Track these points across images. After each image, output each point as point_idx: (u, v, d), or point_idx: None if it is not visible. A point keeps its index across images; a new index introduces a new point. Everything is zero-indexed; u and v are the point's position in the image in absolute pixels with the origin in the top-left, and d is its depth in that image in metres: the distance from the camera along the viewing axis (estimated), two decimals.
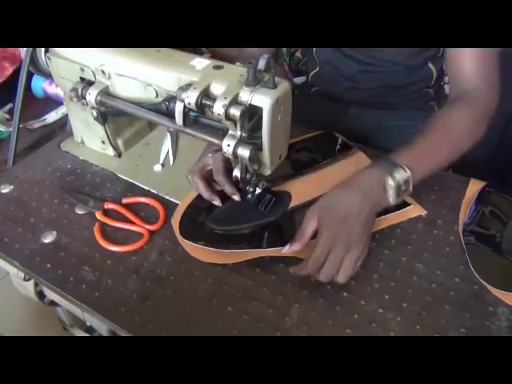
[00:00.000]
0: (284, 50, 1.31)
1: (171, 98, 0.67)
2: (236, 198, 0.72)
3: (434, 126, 0.74)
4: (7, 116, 0.96)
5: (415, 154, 0.69)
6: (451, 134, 0.73)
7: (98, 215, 0.75)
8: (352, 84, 1.00)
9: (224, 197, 0.74)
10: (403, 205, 0.74)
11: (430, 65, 0.96)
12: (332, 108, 1.04)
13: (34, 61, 0.79)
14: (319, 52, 1.04)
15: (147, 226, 0.73)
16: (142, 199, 0.78)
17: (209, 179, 0.74)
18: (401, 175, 0.66)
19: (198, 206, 0.75)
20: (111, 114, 0.77)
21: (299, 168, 0.82)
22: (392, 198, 0.67)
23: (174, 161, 0.86)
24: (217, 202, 0.74)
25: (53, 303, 0.85)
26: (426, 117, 1.03)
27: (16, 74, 0.81)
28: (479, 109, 0.75)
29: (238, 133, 0.62)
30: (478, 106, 0.75)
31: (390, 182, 0.65)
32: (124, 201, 0.78)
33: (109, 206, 0.77)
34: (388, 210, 0.71)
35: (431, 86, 1.00)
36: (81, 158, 0.87)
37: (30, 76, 0.86)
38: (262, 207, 0.73)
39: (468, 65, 0.76)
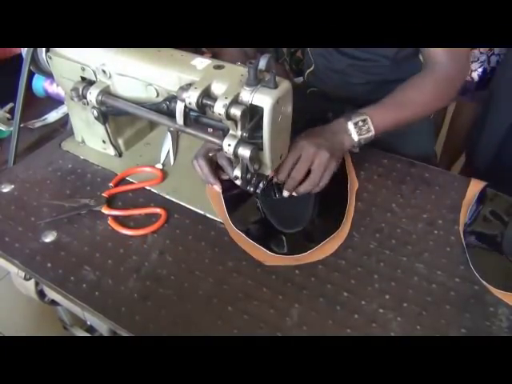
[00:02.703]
0: (284, 49, 1.30)
1: (172, 98, 0.67)
2: (237, 182, 0.74)
3: (398, 89, 0.84)
4: (8, 115, 0.96)
5: (375, 106, 0.80)
6: (413, 98, 0.82)
7: (105, 209, 0.76)
8: (343, 78, 1.01)
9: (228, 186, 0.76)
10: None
11: (421, 56, 0.95)
12: (327, 106, 1.05)
13: (35, 60, 0.79)
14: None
15: (158, 210, 0.76)
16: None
17: (213, 165, 0.77)
18: (358, 116, 0.78)
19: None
20: (112, 113, 0.77)
21: None
22: (354, 136, 0.77)
23: (174, 160, 0.86)
24: (218, 188, 0.77)
25: (53, 302, 0.85)
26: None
27: (17, 73, 0.81)
28: (442, 78, 0.83)
29: (239, 133, 0.62)
30: (441, 77, 0.83)
31: (349, 122, 0.77)
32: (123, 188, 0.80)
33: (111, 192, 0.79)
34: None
35: None
36: (81, 157, 0.87)
37: (31, 75, 0.86)
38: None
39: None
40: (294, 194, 0.74)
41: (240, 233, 0.72)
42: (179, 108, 0.64)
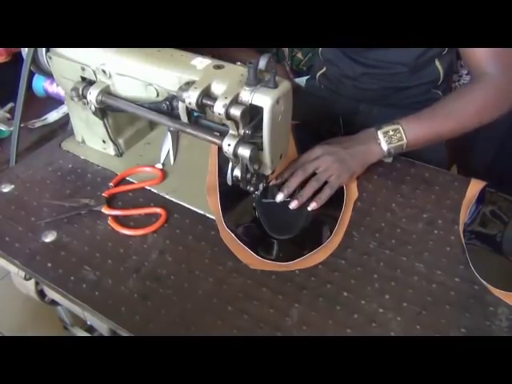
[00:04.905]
0: (286, 51, 1.31)
1: (172, 98, 0.68)
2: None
3: (441, 100, 0.81)
4: (8, 115, 0.96)
5: (410, 116, 0.78)
6: (458, 109, 0.78)
7: (105, 209, 0.75)
8: (356, 84, 1.00)
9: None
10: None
11: (437, 63, 0.94)
12: (342, 102, 1.04)
13: (35, 60, 0.79)
14: (324, 53, 1.05)
15: (158, 210, 0.76)
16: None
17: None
18: (388, 126, 0.77)
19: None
20: (110, 109, 0.77)
21: None
22: (384, 145, 0.76)
23: (174, 160, 0.86)
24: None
25: (53, 302, 0.85)
26: None
27: (17, 72, 0.81)
28: (493, 88, 0.79)
29: (239, 132, 0.62)
30: (492, 86, 0.79)
31: (378, 130, 0.77)
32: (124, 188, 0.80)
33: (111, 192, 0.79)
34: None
35: (439, 85, 0.99)
36: (82, 157, 0.87)
37: (31, 75, 0.86)
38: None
39: (483, 53, 0.79)
40: (292, 205, 0.73)
41: (230, 233, 0.72)
42: (182, 107, 0.65)
